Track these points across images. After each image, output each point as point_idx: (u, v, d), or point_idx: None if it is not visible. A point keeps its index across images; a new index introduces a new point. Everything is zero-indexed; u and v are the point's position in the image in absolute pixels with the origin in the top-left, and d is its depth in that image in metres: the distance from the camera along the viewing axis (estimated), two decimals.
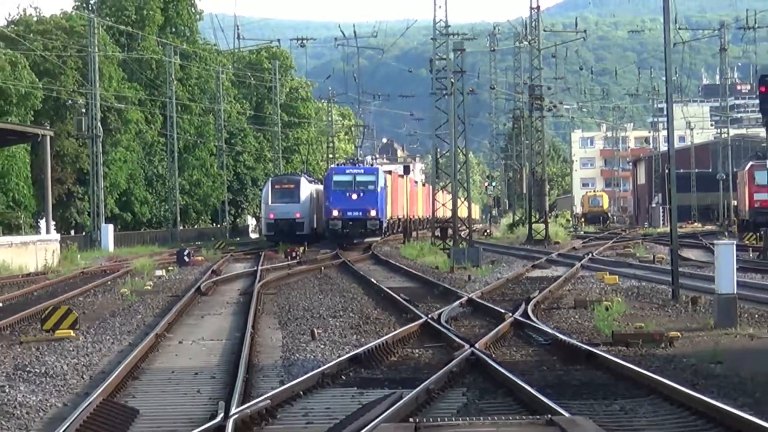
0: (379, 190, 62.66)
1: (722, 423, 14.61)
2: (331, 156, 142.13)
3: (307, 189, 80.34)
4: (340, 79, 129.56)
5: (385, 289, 40.44)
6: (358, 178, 60.62)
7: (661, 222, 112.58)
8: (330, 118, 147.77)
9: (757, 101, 75.75)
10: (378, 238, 65.79)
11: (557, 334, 25.20)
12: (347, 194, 58.83)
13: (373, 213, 58.03)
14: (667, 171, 58.52)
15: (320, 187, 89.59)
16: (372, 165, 77.70)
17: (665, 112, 52.27)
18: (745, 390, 17.66)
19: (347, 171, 63.06)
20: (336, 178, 60.07)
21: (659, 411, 16.52)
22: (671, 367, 20.52)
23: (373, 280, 46.53)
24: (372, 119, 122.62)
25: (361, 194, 58.68)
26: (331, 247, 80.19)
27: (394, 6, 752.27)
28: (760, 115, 67.53)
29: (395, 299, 35.77)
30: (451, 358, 21.22)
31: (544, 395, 16.34)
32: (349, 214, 57.93)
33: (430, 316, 28.56)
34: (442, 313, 29.56)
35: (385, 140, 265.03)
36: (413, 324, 27.31)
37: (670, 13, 35.67)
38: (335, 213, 59.63)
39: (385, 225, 69.05)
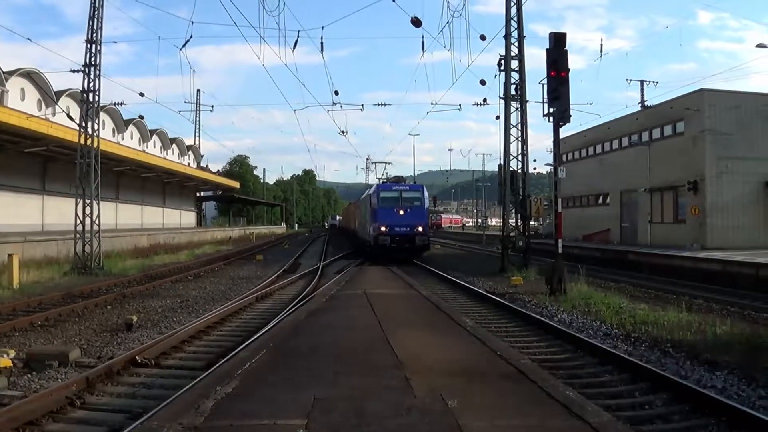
0: (425, 207, 42.71)
1: (517, 314, 16.86)
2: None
3: (335, 219, 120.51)
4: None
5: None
6: (405, 195, 41.71)
7: None
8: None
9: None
10: (424, 253, 43.31)
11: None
12: (394, 210, 40.34)
13: (420, 228, 39.90)
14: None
15: (340, 217, 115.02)
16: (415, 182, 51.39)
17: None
18: (523, 304, 19.58)
19: (394, 188, 42.54)
20: (383, 194, 41.50)
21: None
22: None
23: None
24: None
25: (408, 210, 40.50)
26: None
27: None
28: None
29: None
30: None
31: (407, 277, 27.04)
32: (397, 229, 39.62)
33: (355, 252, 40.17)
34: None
35: None
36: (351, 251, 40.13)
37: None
38: (383, 228, 40.45)
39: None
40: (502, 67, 30.29)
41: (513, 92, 30.34)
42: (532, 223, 37.15)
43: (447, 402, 6.91)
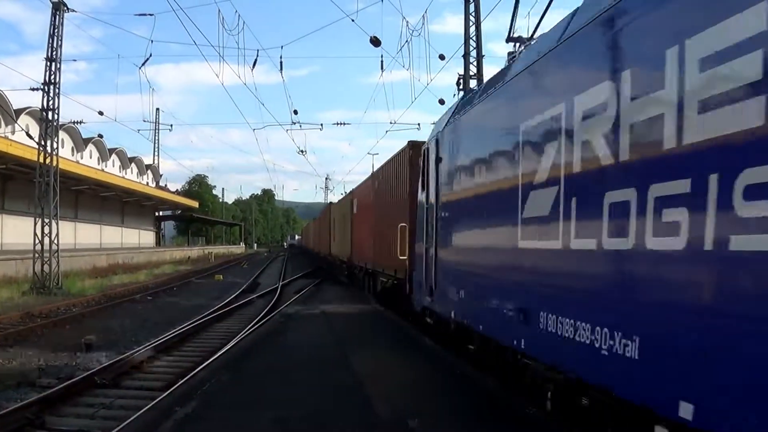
0: None
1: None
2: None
3: (294, 239, 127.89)
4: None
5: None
6: None
7: None
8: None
9: None
10: None
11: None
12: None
13: None
14: None
15: (299, 236, 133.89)
16: None
17: None
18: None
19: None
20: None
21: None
22: None
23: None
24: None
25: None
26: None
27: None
28: None
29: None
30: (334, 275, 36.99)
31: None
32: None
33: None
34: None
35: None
36: (310, 269, 42.09)
37: None
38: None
39: None
40: (461, 86, 30.58)
41: None
42: None
43: (407, 421, 6.95)
